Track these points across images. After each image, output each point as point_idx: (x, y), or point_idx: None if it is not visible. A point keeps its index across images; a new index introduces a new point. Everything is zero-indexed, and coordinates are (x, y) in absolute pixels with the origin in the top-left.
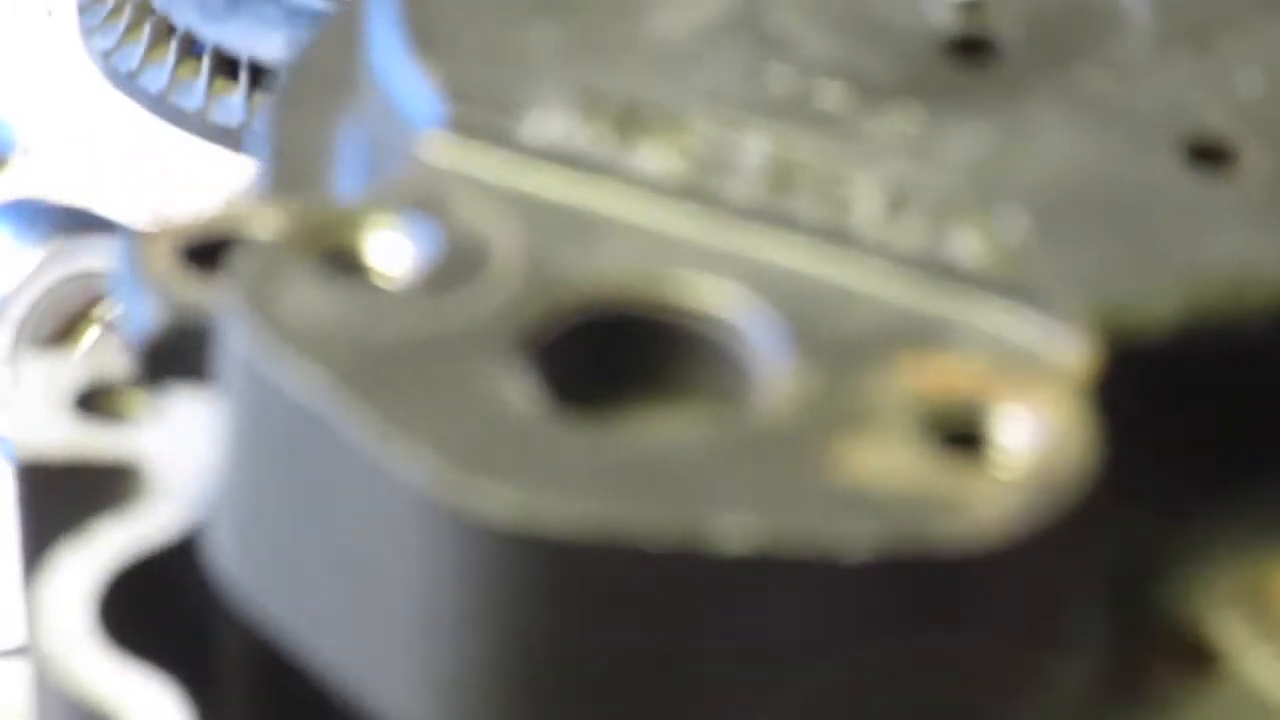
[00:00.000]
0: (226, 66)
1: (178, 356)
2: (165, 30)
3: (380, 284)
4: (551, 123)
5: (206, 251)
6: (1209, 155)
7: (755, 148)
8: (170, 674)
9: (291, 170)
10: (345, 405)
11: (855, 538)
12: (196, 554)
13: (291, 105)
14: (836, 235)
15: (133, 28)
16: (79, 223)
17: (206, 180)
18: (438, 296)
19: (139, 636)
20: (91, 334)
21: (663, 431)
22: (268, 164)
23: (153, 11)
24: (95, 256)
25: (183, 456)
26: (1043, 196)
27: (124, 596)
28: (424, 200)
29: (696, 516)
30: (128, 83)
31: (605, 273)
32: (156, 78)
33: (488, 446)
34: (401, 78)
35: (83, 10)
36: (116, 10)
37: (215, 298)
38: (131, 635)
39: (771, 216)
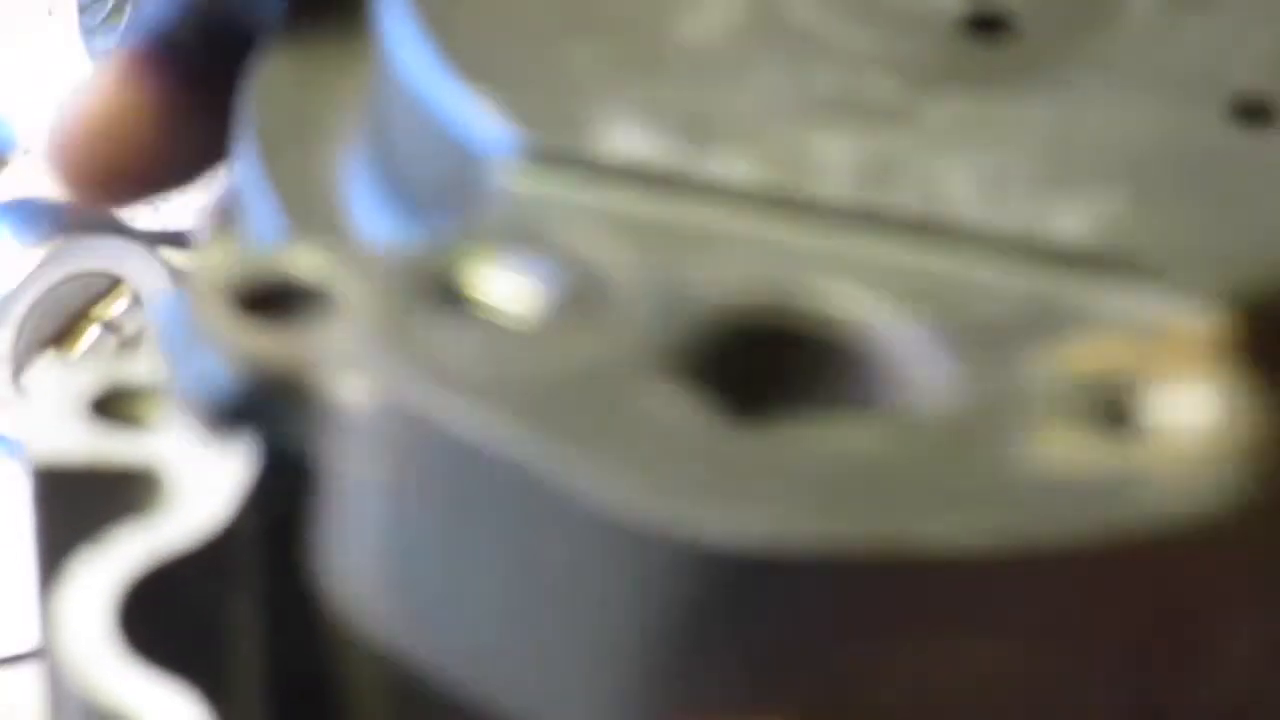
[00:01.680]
0: None
1: (256, 415)
2: None
3: (507, 322)
4: (626, 139)
5: (264, 300)
6: (1253, 112)
7: (832, 146)
8: (187, 681)
9: (300, 208)
10: (538, 446)
11: (1069, 525)
12: (215, 561)
13: (274, 140)
14: (940, 226)
15: None
16: (79, 223)
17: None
18: (575, 329)
19: (157, 643)
20: (91, 334)
21: (836, 441)
22: (265, 203)
23: None
24: (95, 256)
25: (201, 461)
26: (1120, 168)
27: (142, 604)
28: (527, 233)
29: (911, 524)
30: None
31: (736, 287)
32: None
33: (692, 471)
34: (457, 107)
35: (83, 10)
36: (117, 10)
37: (293, 349)
38: (149, 642)
39: (871, 214)
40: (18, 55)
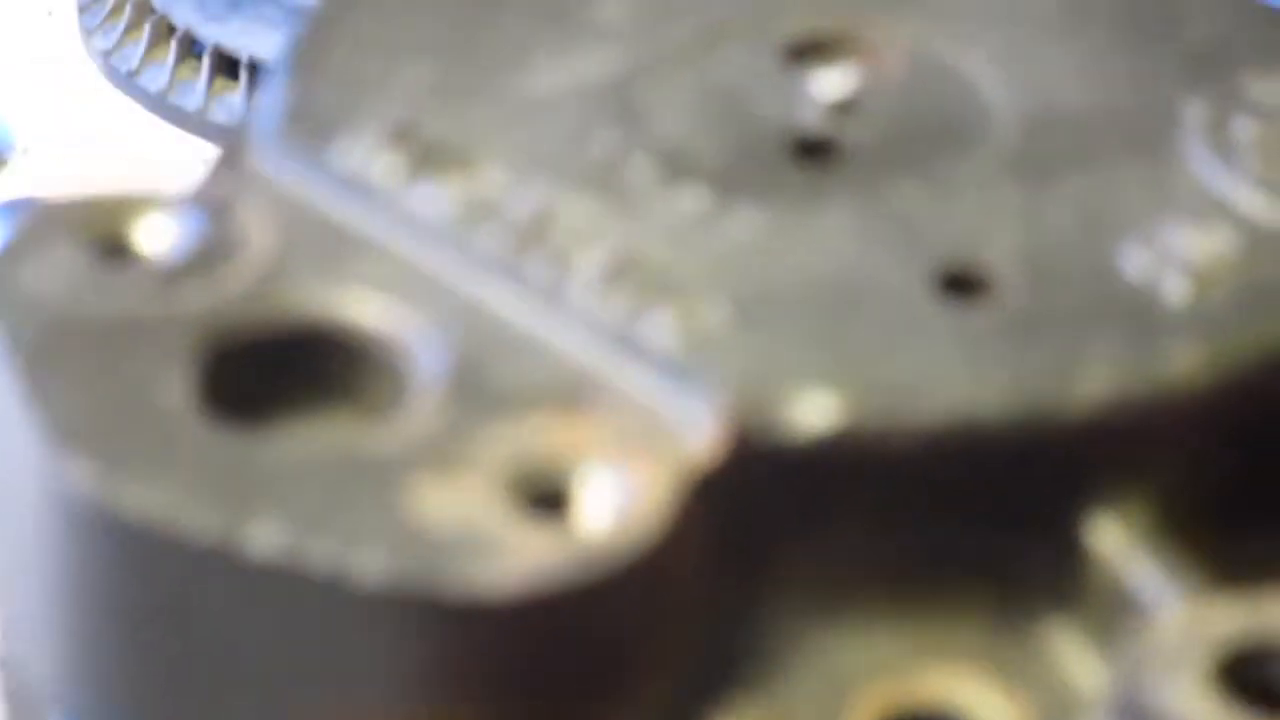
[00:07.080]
0: (227, 66)
1: None
2: (165, 30)
3: (139, 267)
4: (356, 150)
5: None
6: (960, 285)
7: (526, 202)
8: None
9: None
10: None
11: (369, 563)
12: None
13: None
14: (549, 294)
15: (132, 27)
16: None
17: None
18: (165, 285)
19: None
20: None
21: (296, 444)
22: None
23: (152, 11)
24: None
25: None
26: (767, 293)
27: None
28: (215, 199)
29: (235, 519)
30: (128, 83)
31: (319, 296)
32: (156, 78)
33: (106, 426)
34: (271, 93)
35: (83, 10)
36: (116, 10)
37: None
38: None
39: (500, 267)
40: (18, 55)
